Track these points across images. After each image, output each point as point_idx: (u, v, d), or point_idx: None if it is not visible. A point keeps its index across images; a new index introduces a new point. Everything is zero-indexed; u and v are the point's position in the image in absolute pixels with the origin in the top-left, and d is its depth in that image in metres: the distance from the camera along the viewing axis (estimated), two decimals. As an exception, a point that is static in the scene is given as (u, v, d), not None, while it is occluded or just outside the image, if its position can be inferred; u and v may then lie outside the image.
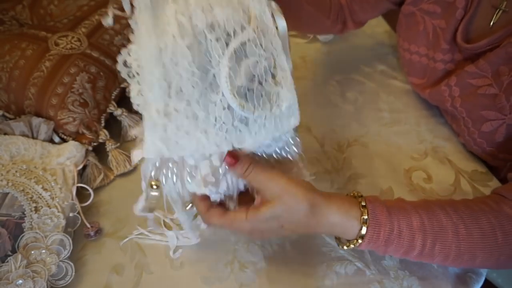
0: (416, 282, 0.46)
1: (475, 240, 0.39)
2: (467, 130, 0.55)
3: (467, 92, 0.53)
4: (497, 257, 0.40)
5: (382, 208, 0.40)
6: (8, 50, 0.59)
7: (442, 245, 0.40)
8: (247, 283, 0.47)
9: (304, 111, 0.68)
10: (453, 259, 0.40)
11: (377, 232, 0.39)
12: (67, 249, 0.47)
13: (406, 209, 0.41)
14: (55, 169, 0.53)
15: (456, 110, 0.56)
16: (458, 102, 0.55)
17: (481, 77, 0.51)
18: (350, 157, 0.61)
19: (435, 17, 0.56)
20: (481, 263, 0.42)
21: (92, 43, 0.63)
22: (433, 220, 0.40)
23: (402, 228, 0.39)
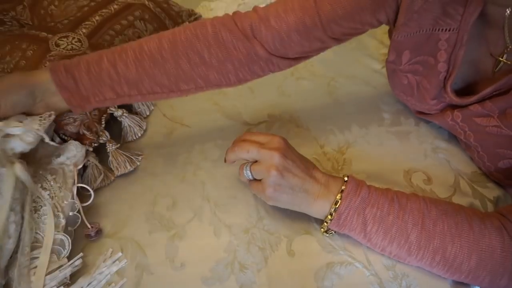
0: (415, 282, 0.46)
1: (445, 229, 0.43)
2: (483, 163, 0.54)
3: (476, 130, 0.52)
4: (468, 255, 0.42)
5: (360, 179, 0.48)
6: (9, 51, 0.59)
7: (414, 221, 0.44)
8: (247, 284, 0.47)
9: (304, 111, 0.68)
10: (425, 241, 0.43)
11: (354, 189, 0.46)
12: (66, 249, 0.47)
13: (383, 188, 0.47)
14: (55, 169, 0.53)
15: (470, 143, 0.54)
16: (471, 137, 0.53)
17: (487, 116, 0.49)
18: (350, 158, 0.61)
19: (418, 74, 0.54)
20: (453, 259, 0.42)
21: (93, 43, 0.63)
22: (407, 200, 0.45)
23: (378, 193, 0.46)
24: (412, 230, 0.43)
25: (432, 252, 0.43)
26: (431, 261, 0.44)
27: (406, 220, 0.44)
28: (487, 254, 0.41)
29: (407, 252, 0.44)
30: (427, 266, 0.45)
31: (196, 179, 0.58)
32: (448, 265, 0.43)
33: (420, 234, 0.43)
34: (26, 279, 0.44)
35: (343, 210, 0.45)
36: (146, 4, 0.74)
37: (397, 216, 0.44)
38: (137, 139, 0.64)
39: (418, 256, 0.44)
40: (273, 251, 0.50)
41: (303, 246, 0.50)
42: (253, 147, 0.48)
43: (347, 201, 0.45)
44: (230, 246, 0.50)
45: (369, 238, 0.46)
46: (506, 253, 0.41)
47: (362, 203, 0.45)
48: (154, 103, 0.69)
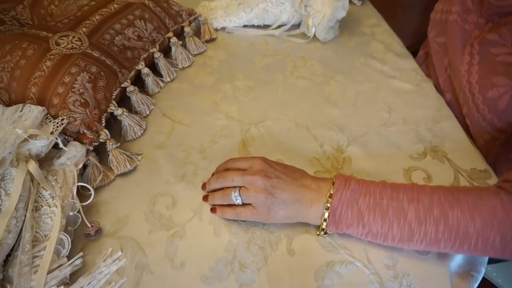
0: (415, 281, 0.46)
1: (442, 200, 0.43)
2: (472, 96, 0.57)
3: (486, 60, 0.54)
4: (470, 216, 0.41)
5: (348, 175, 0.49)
6: (9, 50, 0.59)
7: (410, 198, 0.44)
8: (247, 283, 0.47)
9: (303, 110, 0.68)
10: (424, 214, 0.43)
11: (344, 183, 0.46)
12: (66, 248, 0.48)
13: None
14: (56, 170, 0.53)
15: (469, 76, 0.57)
16: (475, 69, 0.56)
17: (501, 46, 0.52)
18: (350, 157, 0.61)
19: None
20: (457, 223, 0.42)
21: (93, 42, 0.63)
22: (398, 184, 0.46)
23: (367, 182, 0.47)
24: (409, 207, 0.43)
25: (434, 224, 0.42)
26: (436, 234, 0.42)
27: (401, 199, 0.44)
28: (490, 212, 0.41)
29: (409, 231, 0.43)
30: (435, 243, 0.43)
31: (196, 179, 0.58)
32: (454, 232, 0.42)
33: (418, 209, 0.43)
34: (27, 277, 0.44)
35: (336, 205, 0.45)
36: (146, 3, 0.74)
37: (391, 198, 0.44)
38: (137, 138, 0.64)
39: (421, 233, 0.43)
40: (273, 250, 0.50)
41: (303, 245, 0.50)
42: (237, 175, 0.50)
43: (338, 195, 0.45)
44: (230, 245, 0.50)
45: (369, 228, 0.45)
46: (507, 208, 0.41)
47: (353, 195, 0.45)
48: (154, 102, 0.69)
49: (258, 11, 0.84)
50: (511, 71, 0.51)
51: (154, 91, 0.72)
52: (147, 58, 0.72)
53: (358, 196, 0.45)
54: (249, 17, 0.85)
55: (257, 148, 0.62)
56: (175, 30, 0.78)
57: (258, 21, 0.86)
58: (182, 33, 0.81)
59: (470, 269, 0.48)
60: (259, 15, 0.85)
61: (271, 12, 0.84)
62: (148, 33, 0.72)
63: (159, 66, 0.74)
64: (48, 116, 0.56)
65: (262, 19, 0.86)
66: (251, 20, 0.86)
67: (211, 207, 0.53)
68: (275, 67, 0.78)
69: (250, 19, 0.86)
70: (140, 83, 0.71)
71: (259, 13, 0.84)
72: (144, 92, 0.70)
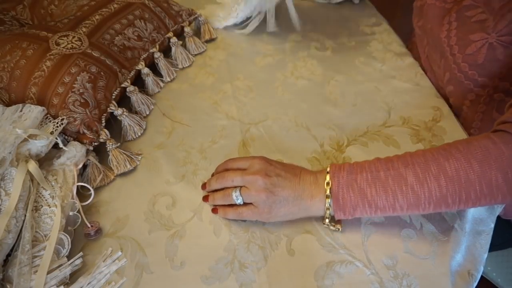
0: (416, 281, 0.46)
1: (435, 155, 0.44)
2: (453, 58, 0.60)
3: (463, 23, 0.58)
4: (466, 163, 0.42)
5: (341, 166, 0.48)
6: (9, 50, 0.59)
7: (405, 164, 0.45)
8: (247, 283, 0.47)
9: (303, 110, 0.68)
10: (423, 173, 0.43)
11: (338, 169, 0.47)
12: (66, 248, 0.48)
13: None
14: (56, 170, 0.53)
15: (449, 40, 0.61)
16: (453, 33, 0.60)
17: (475, 8, 0.56)
18: (350, 156, 0.61)
19: None
20: (456, 172, 0.42)
21: (93, 42, 0.63)
22: (391, 157, 0.47)
23: (360, 163, 0.47)
24: (406, 172, 0.44)
25: (435, 180, 0.43)
26: (440, 189, 0.43)
27: (397, 167, 0.45)
28: (484, 153, 0.42)
29: (414, 195, 0.44)
30: (442, 200, 0.43)
31: (196, 178, 0.58)
32: (457, 183, 0.42)
33: (415, 171, 0.44)
34: (27, 277, 0.44)
35: (336, 190, 0.46)
36: (146, 3, 0.74)
37: (387, 168, 0.45)
38: (137, 138, 0.64)
39: (425, 193, 0.43)
40: (273, 250, 0.50)
41: (303, 245, 0.50)
42: (237, 175, 0.50)
43: (335, 180, 0.46)
44: (230, 245, 0.50)
45: (375, 205, 0.45)
46: (499, 144, 0.42)
47: (350, 175, 0.46)
48: (154, 102, 0.69)
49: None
50: (485, 26, 0.54)
51: (154, 91, 0.72)
52: (147, 58, 0.72)
53: (355, 176, 0.46)
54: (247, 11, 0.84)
55: (257, 148, 0.62)
56: (175, 30, 0.78)
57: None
58: (182, 33, 0.81)
59: (470, 268, 0.48)
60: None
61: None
62: (148, 33, 0.72)
63: (159, 66, 0.74)
64: (48, 116, 0.56)
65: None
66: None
67: (212, 207, 0.53)
68: (275, 67, 0.78)
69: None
70: (140, 83, 0.71)
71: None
72: (144, 92, 0.70)
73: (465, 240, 0.50)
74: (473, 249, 0.50)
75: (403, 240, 0.50)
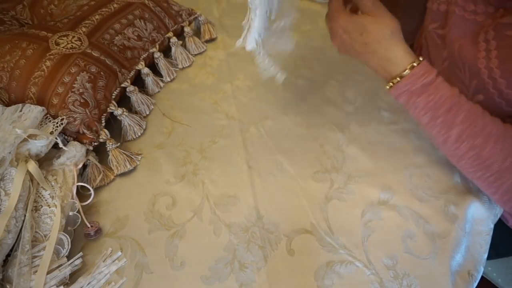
0: (416, 281, 0.46)
1: (494, 132, 0.45)
2: (493, 82, 0.55)
3: (504, 44, 0.53)
4: (503, 158, 0.44)
5: (433, 69, 0.49)
6: (9, 49, 0.59)
7: (465, 118, 0.46)
8: (247, 283, 0.47)
9: (303, 110, 0.68)
10: (467, 136, 0.45)
11: (423, 72, 0.47)
12: (66, 248, 0.47)
13: (451, 83, 0.49)
14: (56, 170, 0.53)
15: (487, 62, 0.55)
16: (493, 54, 0.55)
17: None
18: (350, 156, 0.61)
19: None
20: (487, 159, 0.45)
21: (93, 42, 0.63)
22: (467, 100, 0.47)
23: (442, 85, 0.47)
24: (459, 125, 0.46)
25: (469, 148, 0.46)
26: (464, 153, 0.47)
27: (458, 115, 0.46)
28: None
29: (444, 138, 0.48)
30: (459, 158, 0.48)
31: (196, 178, 0.58)
32: (479, 161, 0.46)
33: (465, 130, 0.46)
34: (27, 277, 0.44)
35: (402, 86, 0.48)
36: (146, 3, 0.74)
37: (449, 110, 0.47)
38: (137, 138, 0.64)
39: (454, 145, 0.47)
40: (273, 250, 0.50)
41: (303, 245, 0.50)
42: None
43: (409, 80, 0.48)
44: (229, 245, 0.50)
45: (411, 110, 0.49)
46: None
47: (422, 88, 0.48)
48: (154, 102, 0.69)
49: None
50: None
51: (154, 91, 0.72)
52: (147, 58, 0.72)
53: (424, 91, 0.47)
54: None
55: (257, 148, 0.62)
56: (175, 30, 0.78)
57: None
58: (182, 33, 0.81)
59: (469, 268, 0.48)
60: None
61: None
62: (148, 33, 0.72)
63: (159, 66, 0.74)
64: (47, 116, 0.56)
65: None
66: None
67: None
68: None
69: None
70: (140, 83, 0.71)
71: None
72: (144, 92, 0.70)
73: (465, 240, 0.50)
74: (473, 249, 0.50)
75: (403, 240, 0.50)
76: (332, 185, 0.57)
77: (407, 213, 0.53)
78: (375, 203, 0.54)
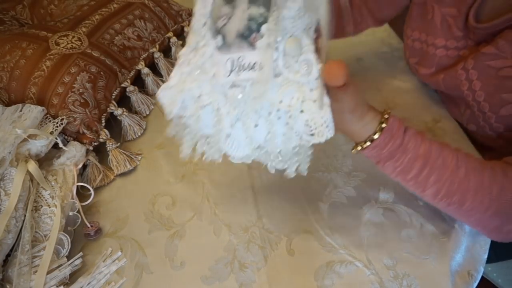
0: (416, 282, 0.46)
1: (470, 186, 0.42)
2: (483, 115, 0.54)
3: (487, 75, 0.52)
4: (485, 209, 0.42)
5: (400, 124, 0.44)
6: (9, 49, 0.59)
7: (437, 178, 0.43)
8: (247, 283, 0.47)
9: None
10: (443, 196, 0.43)
11: (385, 142, 0.44)
12: (66, 248, 0.47)
13: (420, 135, 0.45)
14: (56, 170, 0.53)
15: (473, 94, 0.55)
16: (477, 86, 0.54)
17: (501, 58, 0.49)
18: (349, 155, 0.61)
19: (445, 5, 0.56)
20: (468, 211, 0.43)
21: (93, 42, 0.63)
22: (439, 155, 0.43)
23: (408, 147, 0.43)
24: (432, 186, 0.43)
25: (447, 204, 0.44)
26: (443, 207, 0.45)
27: (429, 176, 0.43)
28: (504, 208, 0.42)
29: (419, 195, 0.46)
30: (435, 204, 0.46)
31: (196, 178, 0.58)
32: (461, 213, 0.44)
33: (440, 190, 0.43)
34: (27, 277, 0.44)
35: (366, 152, 0.45)
36: (146, 3, 0.74)
37: (420, 173, 0.43)
38: (137, 138, 0.64)
39: (431, 201, 0.45)
40: (273, 250, 0.50)
41: (303, 245, 0.50)
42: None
43: (373, 151, 0.45)
44: (229, 245, 0.50)
45: (381, 169, 0.46)
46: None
47: (388, 156, 0.44)
48: (154, 102, 0.69)
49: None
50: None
51: (154, 91, 0.72)
52: (147, 58, 0.71)
53: (391, 159, 0.44)
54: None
55: (257, 148, 0.62)
56: (175, 30, 0.78)
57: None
58: (182, 33, 0.81)
59: (469, 268, 0.48)
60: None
61: None
62: (148, 33, 0.72)
63: (159, 66, 0.74)
64: (47, 116, 0.56)
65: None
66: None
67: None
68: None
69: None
70: (140, 83, 0.71)
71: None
72: (144, 92, 0.70)
73: (465, 240, 0.50)
74: (473, 249, 0.50)
75: (403, 240, 0.50)
76: (332, 185, 0.57)
77: (407, 213, 0.53)
78: (375, 203, 0.54)
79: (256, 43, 0.36)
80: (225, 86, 0.38)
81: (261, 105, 0.38)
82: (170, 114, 0.40)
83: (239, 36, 0.36)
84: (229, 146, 0.39)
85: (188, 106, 0.40)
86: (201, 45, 0.38)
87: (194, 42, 0.39)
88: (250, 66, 0.37)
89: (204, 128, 0.41)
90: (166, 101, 0.40)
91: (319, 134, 0.40)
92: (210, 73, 0.38)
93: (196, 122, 0.41)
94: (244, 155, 0.40)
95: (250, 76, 0.37)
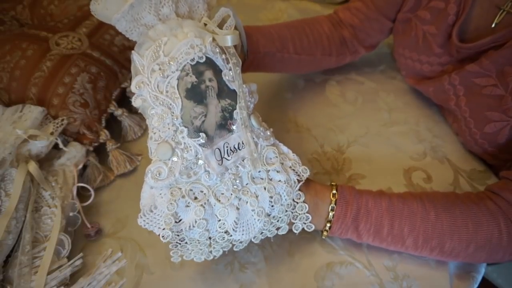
0: (416, 283, 0.46)
1: (444, 228, 0.42)
2: (469, 130, 0.55)
3: (472, 92, 0.53)
4: (466, 246, 0.42)
5: (350, 190, 0.45)
6: (9, 50, 0.59)
7: (411, 228, 0.43)
8: (247, 283, 0.47)
9: (303, 111, 0.68)
10: (422, 243, 0.43)
11: (344, 211, 0.44)
12: (66, 249, 0.48)
13: (378, 193, 0.46)
14: (56, 170, 0.53)
15: (459, 110, 0.56)
16: (463, 101, 0.55)
17: (485, 76, 0.50)
18: (350, 157, 0.61)
19: (425, 23, 0.57)
20: (451, 252, 0.43)
21: (93, 43, 0.63)
22: (403, 205, 0.44)
23: (370, 207, 0.44)
24: (408, 236, 0.43)
25: (429, 251, 0.44)
26: (428, 254, 0.45)
27: (402, 228, 0.43)
28: (485, 241, 0.42)
29: (404, 250, 0.46)
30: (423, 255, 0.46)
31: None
32: (446, 255, 0.44)
33: (417, 238, 0.43)
34: (27, 278, 0.44)
35: (335, 230, 0.45)
36: (146, 3, 0.74)
37: (392, 227, 0.43)
38: (137, 138, 0.64)
39: (416, 252, 0.45)
40: (273, 250, 0.50)
41: (303, 246, 0.50)
42: None
43: (338, 223, 0.44)
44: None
45: (365, 242, 0.47)
46: (503, 235, 0.42)
47: (354, 222, 0.44)
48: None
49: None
50: (503, 106, 0.49)
51: (154, 91, 0.72)
52: (147, 58, 0.71)
53: (359, 223, 0.44)
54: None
55: (257, 149, 0.62)
56: (175, 30, 0.78)
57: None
58: (182, 33, 0.81)
59: (470, 270, 0.48)
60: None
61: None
62: (148, 33, 0.72)
63: (159, 66, 0.74)
64: (48, 117, 0.56)
65: None
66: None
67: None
68: (275, 67, 0.78)
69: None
70: (140, 83, 0.71)
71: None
72: (144, 92, 0.70)
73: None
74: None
75: (403, 241, 0.50)
76: (332, 186, 0.57)
77: (407, 214, 0.53)
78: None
79: (232, 127, 0.42)
80: (221, 172, 0.41)
81: (257, 174, 0.42)
82: (166, 237, 0.40)
83: (218, 127, 0.41)
84: (239, 235, 0.41)
85: (184, 217, 0.41)
86: (178, 151, 0.40)
87: (165, 153, 0.41)
88: (237, 147, 0.42)
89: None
90: (156, 230, 0.41)
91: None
92: (200, 171, 0.40)
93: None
94: (257, 230, 0.42)
95: (241, 154, 0.42)
